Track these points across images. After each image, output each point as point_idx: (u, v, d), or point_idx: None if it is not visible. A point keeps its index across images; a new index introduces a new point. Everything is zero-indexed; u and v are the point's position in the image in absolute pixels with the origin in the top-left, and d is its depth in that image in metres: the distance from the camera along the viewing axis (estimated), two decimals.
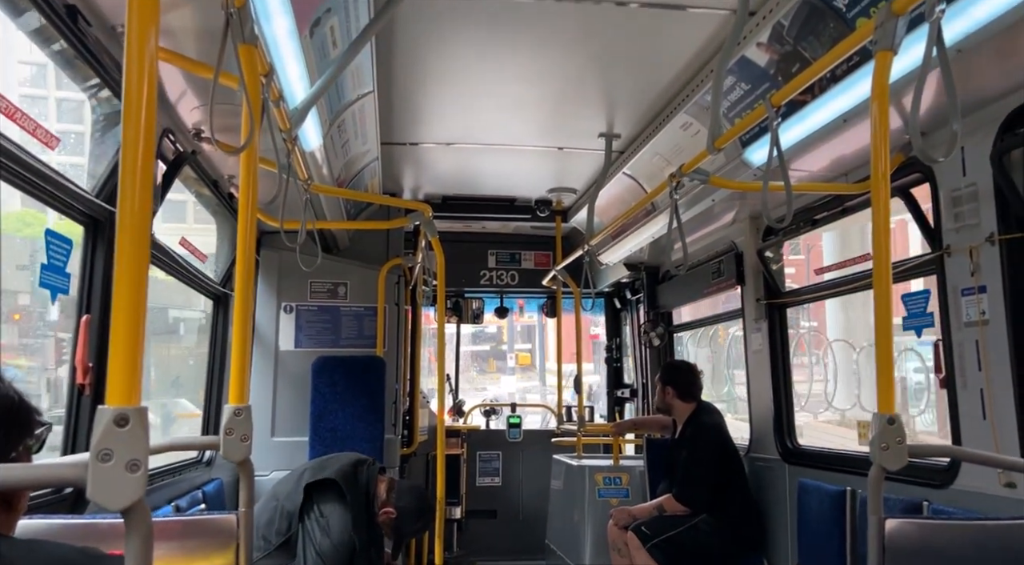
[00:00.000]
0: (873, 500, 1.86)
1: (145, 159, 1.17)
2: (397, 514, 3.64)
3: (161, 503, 3.28)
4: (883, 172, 1.83)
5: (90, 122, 2.76)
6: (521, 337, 27.35)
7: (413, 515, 3.71)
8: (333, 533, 3.39)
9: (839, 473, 3.98)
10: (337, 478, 3.55)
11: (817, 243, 12.27)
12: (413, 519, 3.71)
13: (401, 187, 5.91)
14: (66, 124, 3.33)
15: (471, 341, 25.62)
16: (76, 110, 3.15)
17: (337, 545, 3.38)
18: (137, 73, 1.16)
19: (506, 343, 25.86)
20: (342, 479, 3.56)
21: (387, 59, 3.54)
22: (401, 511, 3.66)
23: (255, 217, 2.09)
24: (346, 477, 3.59)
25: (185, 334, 5.92)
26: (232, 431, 1.93)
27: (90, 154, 2.76)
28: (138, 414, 1.14)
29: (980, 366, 2.96)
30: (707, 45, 3.44)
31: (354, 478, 3.60)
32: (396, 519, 3.64)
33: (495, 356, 29.86)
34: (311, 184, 3.55)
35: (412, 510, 3.71)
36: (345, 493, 3.51)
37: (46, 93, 3.62)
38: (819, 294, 4.66)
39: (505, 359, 25.97)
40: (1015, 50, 2.52)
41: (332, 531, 3.39)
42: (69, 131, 3.02)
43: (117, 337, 1.16)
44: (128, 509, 1.12)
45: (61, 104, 3.43)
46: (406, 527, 3.71)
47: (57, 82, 2.73)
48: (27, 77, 3.29)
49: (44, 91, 3.47)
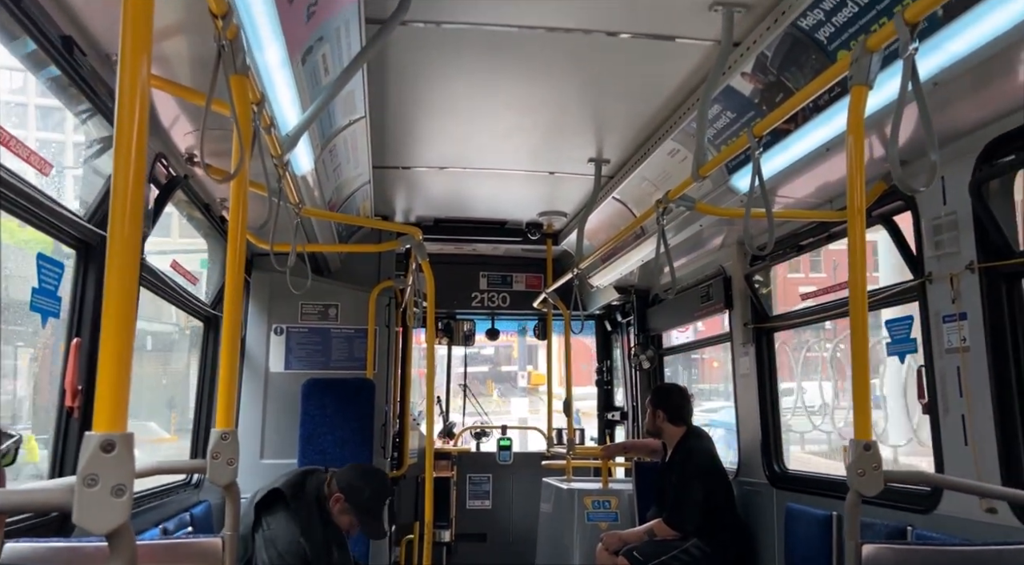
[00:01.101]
0: (850, 525, 1.88)
1: (136, 185, 1.20)
2: (344, 494, 3.51)
3: (148, 526, 3.28)
4: (859, 205, 1.88)
5: (83, 146, 2.79)
6: (520, 359, 26.80)
7: (359, 486, 3.56)
8: (279, 543, 3.29)
9: (826, 498, 4.00)
10: (281, 486, 3.48)
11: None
12: (361, 489, 3.55)
13: (393, 210, 5.95)
14: (47, 133, 3.32)
15: (477, 361, 24.78)
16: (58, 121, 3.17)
17: (284, 553, 3.28)
18: (129, 101, 1.19)
19: (515, 361, 24.97)
20: (287, 487, 3.48)
21: (379, 85, 3.60)
22: (346, 489, 3.52)
23: (244, 241, 2.12)
24: (292, 485, 3.50)
25: (155, 350, 5.67)
26: (219, 455, 1.95)
27: (82, 179, 2.80)
28: (124, 440, 1.16)
29: (961, 392, 3.00)
30: (693, 74, 3.50)
31: (301, 486, 3.52)
32: (346, 500, 3.51)
33: (495, 378, 29.08)
34: (302, 208, 3.58)
35: (356, 482, 3.56)
36: (289, 501, 3.43)
37: (25, 100, 3.63)
38: (805, 319, 4.70)
39: (514, 380, 25.18)
40: (991, 83, 2.59)
41: (278, 541, 3.30)
42: (50, 140, 3.03)
43: (105, 363, 1.18)
44: (113, 533, 1.14)
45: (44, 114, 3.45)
46: (361, 502, 3.54)
47: (38, 90, 2.75)
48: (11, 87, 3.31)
49: (24, 98, 3.49)
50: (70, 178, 2.84)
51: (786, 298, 6.17)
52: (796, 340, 9.25)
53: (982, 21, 2.29)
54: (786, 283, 7.84)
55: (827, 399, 9.54)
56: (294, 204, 3.47)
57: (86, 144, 2.80)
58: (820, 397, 9.54)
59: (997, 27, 2.28)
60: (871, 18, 2.54)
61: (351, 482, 3.56)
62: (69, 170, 2.86)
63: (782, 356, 6.10)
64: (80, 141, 2.82)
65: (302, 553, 3.34)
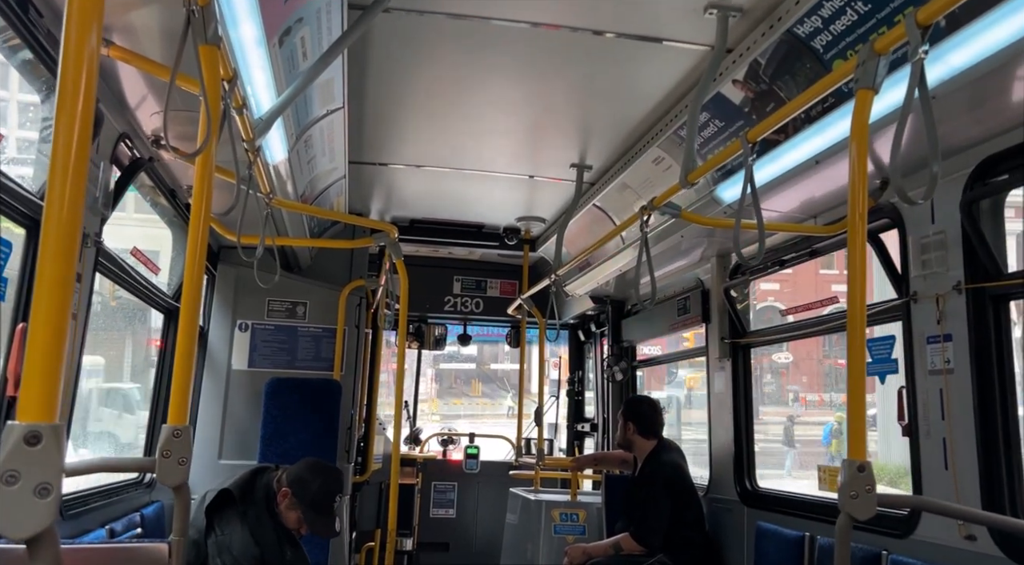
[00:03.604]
0: (840, 550, 1.79)
1: (79, 155, 1.08)
2: (291, 489, 3.36)
3: (94, 526, 3.10)
4: (860, 212, 1.79)
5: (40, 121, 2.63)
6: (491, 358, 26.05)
7: (307, 479, 3.40)
8: (234, 548, 3.17)
9: (798, 518, 3.92)
10: (231, 487, 3.34)
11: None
12: (309, 483, 3.39)
13: (368, 207, 5.82)
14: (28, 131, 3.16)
15: (446, 359, 23.88)
16: None
17: (239, 558, 3.15)
18: (76, 58, 1.07)
19: (502, 359, 24.09)
20: (236, 488, 3.34)
21: (359, 76, 3.47)
22: (294, 484, 3.37)
23: (207, 228, 1.98)
24: (241, 486, 3.36)
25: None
26: (169, 453, 1.80)
27: (36, 156, 2.63)
28: (53, 432, 1.03)
29: (943, 415, 2.94)
30: (683, 80, 3.43)
31: (251, 485, 3.38)
32: (293, 494, 3.36)
33: (481, 377, 27.98)
34: (273, 198, 3.44)
35: (304, 476, 3.41)
36: (238, 503, 3.29)
37: (7, 95, 3.46)
38: (784, 335, 4.65)
39: (502, 380, 24.17)
40: (987, 100, 2.54)
41: (233, 546, 3.17)
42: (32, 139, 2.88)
43: (35, 346, 1.05)
44: (34, 538, 1.01)
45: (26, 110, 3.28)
46: (308, 497, 3.37)
47: (20, 86, 2.59)
48: None
49: (5, 94, 3.30)
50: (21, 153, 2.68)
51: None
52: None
53: (984, 33, 2.23)
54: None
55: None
56: (264, 194, 3.33)
57: (42, 121, 2.64)
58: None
59: (999, 40, 2.22)
60: (871, 27, 2.48)
61: (299, 476, 3.41)
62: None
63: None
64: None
65: (257, 557, 3.21)
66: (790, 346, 18.16)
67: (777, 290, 21.93)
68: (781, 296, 21.10)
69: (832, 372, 23.35)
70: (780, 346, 17.89)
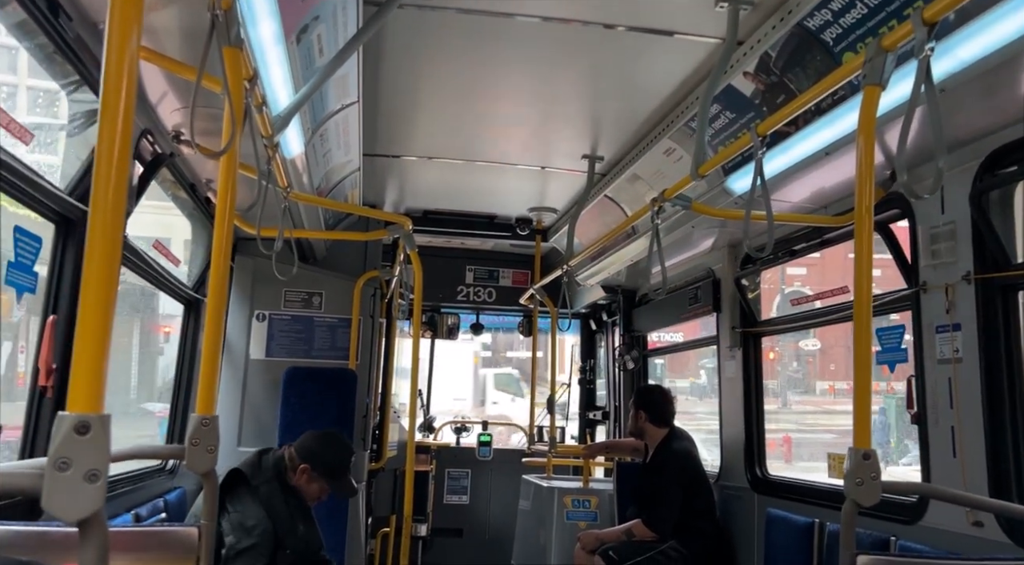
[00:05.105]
0: (846, 536, 1.84)
1: (120, 159, 1.14)
2: (310, 464, 3.48)
3: (120, 511, 3.19)
4: (867, 205, 1.84)
5: (67, 119, 2.69)
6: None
7: (322, 452, 3.53)
8: (248, 524, 3.24)
9: (808, 505, 3.98)
10: (240, 467, 3.43)
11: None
12: (324, 455, 3.52)
13: (382, 199, 5.88)
14: (38, 117, 3.22)
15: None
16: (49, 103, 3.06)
17: (252, 533, 3.22)
18: (116, 71, 1.13)
19: (517, 347, 23.86)
20: (246, 467, 3.43)
21: (373, 70, 3.52)
22: (310, 458, 3.49)
23: (231, 223, 2.04)
24: (250, 465, 3.45)
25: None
26: (198, 442, 1.88)
27: (65, 152, 2.70)
28: (101, 422, 1.09)
29: (952, 404, 2.98)
30: (694, 72, 3.46)
31: (258, 464, 3.47)
32: (312, 469, 3.48)
33: (495, 365, 28.07)
34: (290, 192, 3.50)
35: (318, 449, 3.53)
36: (249, 479, 3.37)
37: (16, 80, 3.50)
38: (795, 325, 4.68)
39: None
40: (997, 91, 2.56)
41: (246, 522, 3.24)
42: (42, 124, 2.94)
43: (83, 341, 1.12)
44: (85, 521, 1.08)
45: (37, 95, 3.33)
46: (328, 467, 3.51)
47: (30, 71, 2.64)
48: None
49: (15, 79, 3.35)
50: (53, 150, 2.74)
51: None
52: None
53: (993, 27, 2.26)
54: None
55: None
56: (283, 188, 3.39)
57: (70, 116, 2.70)
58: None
59: (1008, 34, 2.24)
60: (880, 20, 2.50)
61: (313, 450, 3.53)
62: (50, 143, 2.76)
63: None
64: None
65: (272, 532, 3.29)
66: (816, 333, 18.07)
67: (804, 275, 21.76)
68: (808, 281, 20.96)
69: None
70: (806, 333, 17.83)
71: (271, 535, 3.28)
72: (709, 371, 17.88)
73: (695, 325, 5.83)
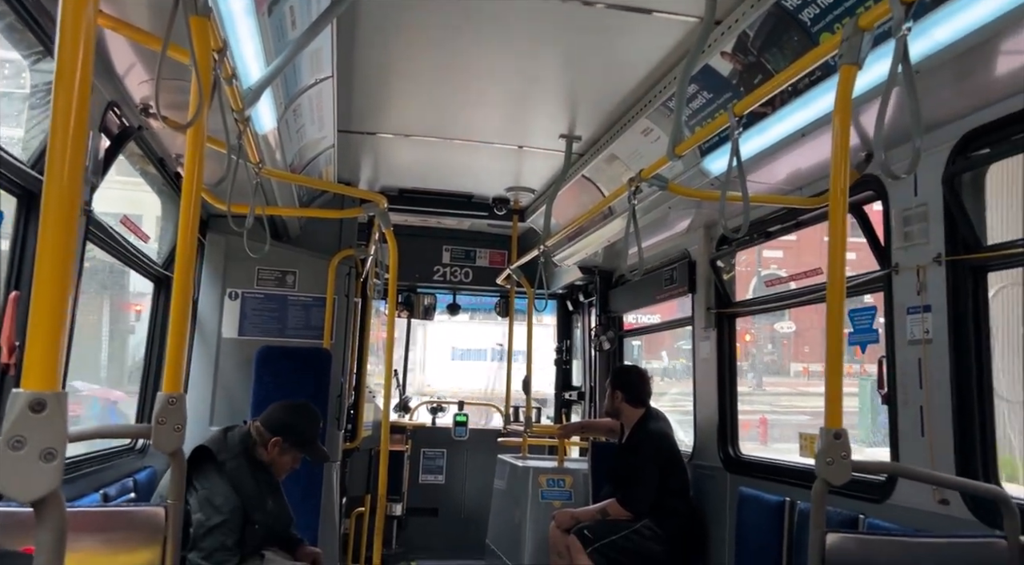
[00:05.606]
0: (816, 514, 1.86)
1: (77, 128, 1.10)
2: (281, 436, 3.47)
3: (88, 491, 3.15)
4: (842, 185, 1.83)
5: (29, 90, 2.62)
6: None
7: (293, 422, 3.52)
8: (216, 500, 3.23)
9: (779, 483, 4.02)
10: (206, 443, 3.41)
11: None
12: (296, 425, 3.52)
13: (357, 177, 5.81)
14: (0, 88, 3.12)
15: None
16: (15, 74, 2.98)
17: (221, 510, 3.21)
18: (72, 36, 1.09)
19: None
20: (211, 443, 3.41)
21: (348, 45, 3.46)
22: (281, 430, 3.47)
23: (199, 198, 2.00)
24: (216, 441, 3.43)
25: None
26: (165, 420, 1.84)
27: (28, 124, 2.63)
28: (57, 400, 1.07)
29: (921, 384, 3.01)
30: (672, 51, 3.43)
31: (224, 440, 3.44)
32: (284, 440, 3.47)
33: None
34: (262, 168, 3.44)
35: (289, 420, 3.52)
36: (215, 456, 3.35)
37: None
38: (769, 306, 4.71)
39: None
40: (971, 74, 2.57)
41: (214, 499, 3.23)
42: (5, 95, 2.86)
43: (38, 316, 1.08)
44: (40, 501, 1.05)
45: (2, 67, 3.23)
46: (300, 437, 3.52)
47: None
48: None
49: None
50: (18, 122, 2.67)
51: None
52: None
53: (969, 8, 2.26)
54: None
55: None
56: (254, 163, 3.33)
57: (32, 87, 2.63)
58: None
59: (983, 15, 2.24)
60: (857, 0, 2.49)
61: (283, 422, 3.52)
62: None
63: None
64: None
65: (239, 508, 3.27)
66: (792, 315, 18.21)
67: (781, 258, 21.91)
68: (784, 263, 21.09)
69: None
70: (781, 315, 17.97)
71: (240, 511, 3.26)
72: (685, 353, 18.11)
73: (672, 306, 5.84)
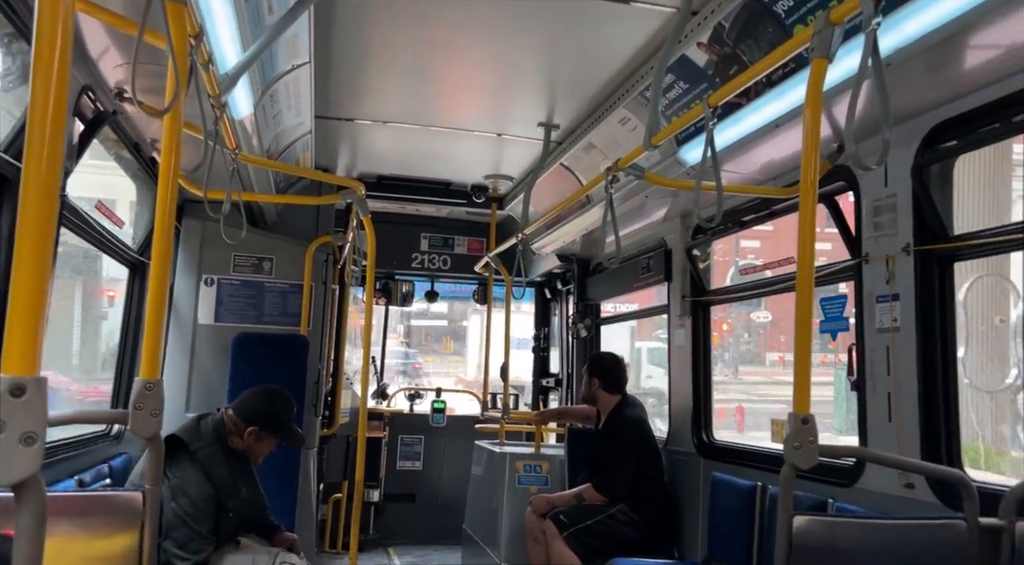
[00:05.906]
0: (784, 497, 1.91)
1: (56, 114, 1.10)
2: (257, 425, 3.46)
3: (63, 476, 3.14)
4: (812, 176, 1.87)
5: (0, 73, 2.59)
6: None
7: (267, 410, 3.50)
8: (189, 489, 3.22)
9: (751, 468, 4.10)
10: (178, 433, 3.39)
11: None
12: (270, 413, 3.50)
13: (335, 163, 5.79)
14: None
15: (417, 316, 23.49)
16: None
17: (195, 499, 3.21)
18: (50, 21, 1.09)
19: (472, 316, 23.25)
20: (184, 433, 3.39)
21: (326, 30, 3.45)
22: (255, 419, 3.46)
23: (176, 183, 2.00)
24: (188, 430, 3.41)
25: None
26: (142, 406, 1.85)
27: None
28: (37, 384, 1.08)
29: (889, 371, 3.08)
30: (649, 41, 3.46)
31: (197, 429, 3.43)
32: (261, 428, 3.47)
33: (452, 334, 27.88)
34: (239, 154, 3.43)
35: (263, 408, 3.50)
36: (188, 444, 3.34)
37: None
38: (743, 294, 4.78)
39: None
40: (941, 66, 2.61)
41: (188, 488, 3.22)
42: None
43: (17, 301, 1.09)
44: (20, 484, 1.06)
45: None
46: (273, 422, 3.50)
47: None
48: None
49: None
50: None
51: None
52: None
53: (938, 3, 2.30)
54: None
55: None
56: (231, 149, 3.31)
57: (4, 70, 2.60)
58: None
59: (952, 9, 2.29)
60: None
61: (257, 409, 3.51)
62: None
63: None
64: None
65: (212, 496, 3.27)
66: (768, 304, 18.38)
67: (758, 248, 22.09)
68: (761, 253, 21.27)
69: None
70: (758, 304, 18.12)
71: (213, 499, 3.26)
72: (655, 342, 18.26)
73: (651, 294, 5.90)
